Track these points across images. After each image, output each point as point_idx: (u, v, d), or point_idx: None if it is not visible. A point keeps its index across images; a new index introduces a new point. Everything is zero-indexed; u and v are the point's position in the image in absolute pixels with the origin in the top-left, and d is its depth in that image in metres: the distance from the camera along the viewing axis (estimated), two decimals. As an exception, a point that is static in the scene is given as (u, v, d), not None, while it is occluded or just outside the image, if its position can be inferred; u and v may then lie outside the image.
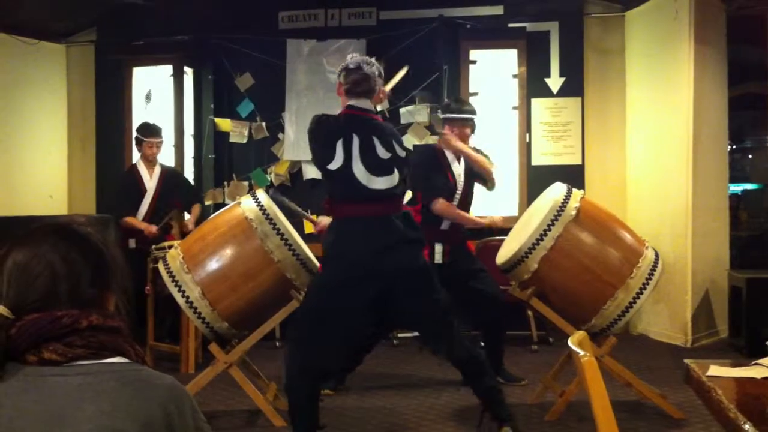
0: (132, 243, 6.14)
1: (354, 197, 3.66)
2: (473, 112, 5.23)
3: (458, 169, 5.10)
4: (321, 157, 3.71)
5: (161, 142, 6.48)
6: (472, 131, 5.22)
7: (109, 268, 1.45)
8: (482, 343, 5.12)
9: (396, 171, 3.69)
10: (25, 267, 1.38)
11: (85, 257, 1.42)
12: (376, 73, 3.79)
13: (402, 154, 3.74)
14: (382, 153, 3.67)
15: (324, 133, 3.74)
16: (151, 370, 1.39)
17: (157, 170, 6.42)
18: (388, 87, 4.73)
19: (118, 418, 1.28)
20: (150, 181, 6.37)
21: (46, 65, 7.70)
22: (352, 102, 3.78)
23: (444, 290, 3.84)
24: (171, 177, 6.50)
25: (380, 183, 3.64)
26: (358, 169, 3.62)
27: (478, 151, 5.19)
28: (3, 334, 1.32)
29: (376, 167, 3.65)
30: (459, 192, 5.07)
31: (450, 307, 3.81)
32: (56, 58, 7.79)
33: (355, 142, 3.65)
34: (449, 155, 5.10)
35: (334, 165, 3.63)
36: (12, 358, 1.33)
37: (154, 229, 6.13)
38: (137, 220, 6.24)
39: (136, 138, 6.46)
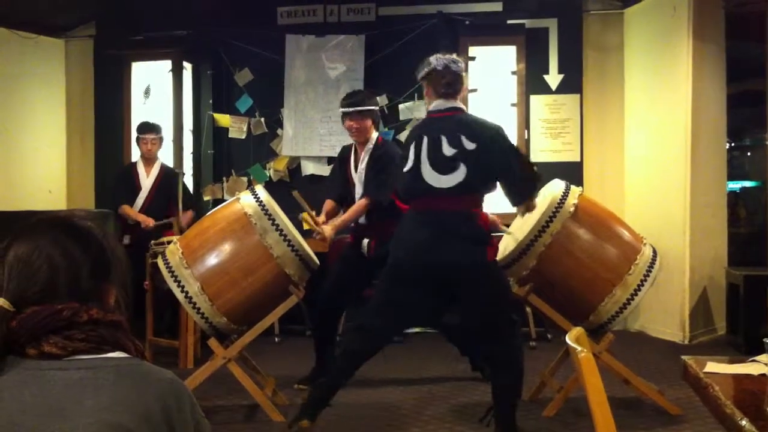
0: (126, 239, 6.15)
1: (418, 194, 3.76)
2: (360, 103, 4.96)
3: (353, 170, 5.02)
4: (402, 164, 3.88)
5: (158, 139, 6.48)
6: (375, 123, 5.03)
7: (109, 262, 1.46)
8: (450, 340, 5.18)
9: (462, 166, 3.70)
10: (25, 260, 1.38)
11: (86, 251, 1.42)
12: (462, 68, 3.86)
13: (471, 146, 3.70)
14: (448, 150, 3.72)
15: (405, 144, 3.95)
16: (150, 365, 1.40)
17: (156, 169, 6.43)
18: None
19: (117, 413, 1.29)
20: (147, 179, 6.39)
21: (45, 60, 7.68)
22: (434, 104, 3.87)
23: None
24: (169, 177, 6.49)
25: (446, 181, 3.71)
26: (426, 170, 3.73)
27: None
28: (3, 327, 1.32)
29: (442, 165, 3.71)
30: (358, 189, 4.99)
31: (509, 306, 3.89)
32: (55, 53, 7.78)
33: (425, 143, 3.75)
34: (356, 156, 5.04)
35: (407, 167, 3.79)
36: (12, 351, 1.33)
37: (151, 222, 6.14)
38: (134, 211, 6.27)
39: (136, 137, 6.50)
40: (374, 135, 4.99)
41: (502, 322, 3.80)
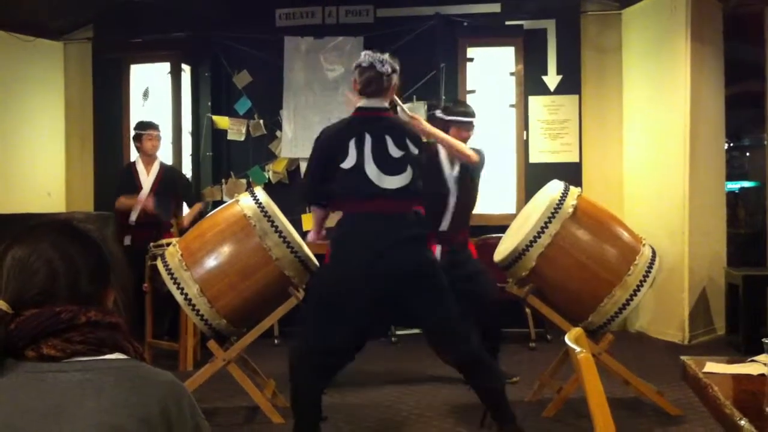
0: (127, 240, 6.13)
1: (364, 195, 3.65)
2: (474, 114, 5.21)
3: (450, 172, 5.01)
4: (332, 158, 3.70)
5: (160, 135, 6.47)
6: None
7: (108, 265, 1.46)
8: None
9: (409, 169, 3.68)
10: (24, 262, 1.38)
11: (84, 254, 1.42)
12: (389, 70, 3.76)
13: (415, 151, 3.72)
14: (395, 151, 3.67)
15: (334, 136, 3.76)
16: (149, 366, 1.40)
17: (156, 167, 6.39)
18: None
19: (117, 415, 1.29)
20: (147, 178, 6.35)
21: (44, 62, 7.68)
22: (362, 103, 3.78)
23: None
24: (170, 175, 6.48)
25: (392, 182, 3.64)
26: (371, 169, 3.63)
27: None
28: (2, 329, 1.32)
29: (388, 166, 3.64)
30: (453, 196, 4.96)
31: (458, 306, 3.78)
32: (53, 56, 7.78)
33: (368, 141, 3.66)
34: (443, 158, 5.01)
35: (347, 164, 3.65)
36: (11, 354, 1.33)
37: (150, 203, 6.11)
38: (130, 199, 6.21)
39: (135, 135, 6.44)
40: None
41: (458, 318, 3.74)
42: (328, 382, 3.82)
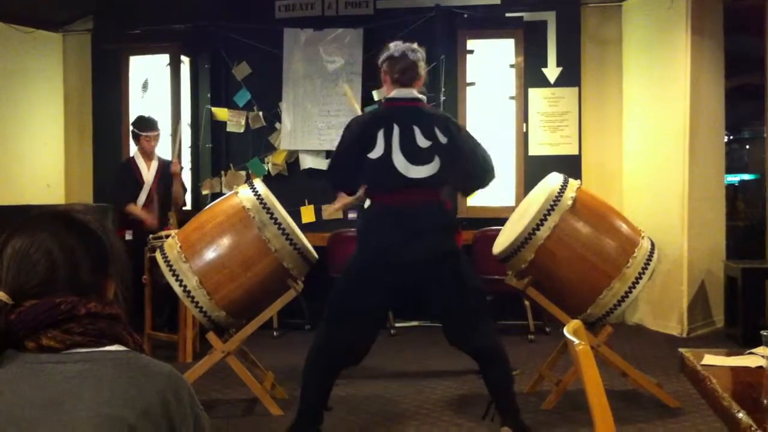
0: (128, 235, 6.16)
1: (391, 186, 3.68)
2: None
3: None
4: (360, 147, 3.72)
5: (159, 135, 6.50)
6: None
7: (108, 256, 1.46)
8: None
9: (437, 159, 3.69)
10: (24, 253, 1.38)
11: (84, 245, 1.42)
12: (420, 58, 3.81)
13: (444, 140, 3.71)
14: (422, 142, 3.69)
15: (362, 126, 3.78)
16: (149, 358, 1.40)
17: (155, 163, 6.45)
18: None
19: (116, 406, 1.29)
20: (148, 173, 6.40)
21: (43, 54, 7.67)
22: (394, 93, 3.80)
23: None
24: (168, 169, 6.51)
25: (419, 172, 3.66)
26: (398, 159, 3.66)
27: None
28: (2, 320, 1.32)
29: (416, 156, 3.67)
30: None
31: (481, 295, 3.82)
32: (53, 47, 7.76)
33: (396, 131, 3.69)
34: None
35: (375, 154, 3.68)
36: (11, 345, 1.33)
37: (156, 222, 6.17)
38: (140, 209, 6.28)
39: (133, 132, 6.48)
40: None
41: (480, 312, 3.77)
42: (335, 378, 3.88)
